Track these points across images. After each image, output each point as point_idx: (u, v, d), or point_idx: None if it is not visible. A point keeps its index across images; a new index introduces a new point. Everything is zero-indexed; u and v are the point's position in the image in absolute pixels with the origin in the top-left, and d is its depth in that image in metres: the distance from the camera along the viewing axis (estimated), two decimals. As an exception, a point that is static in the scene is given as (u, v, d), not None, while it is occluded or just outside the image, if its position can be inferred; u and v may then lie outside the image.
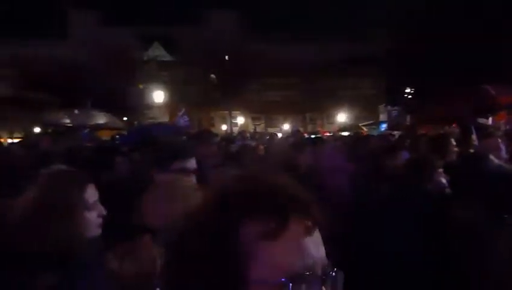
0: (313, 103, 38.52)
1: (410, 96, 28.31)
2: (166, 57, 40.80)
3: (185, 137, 6.26)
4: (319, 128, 37.52)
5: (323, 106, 38.52)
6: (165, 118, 37.51)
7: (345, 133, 26.97)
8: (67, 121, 13.50)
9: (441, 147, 4.18)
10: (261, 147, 6.36)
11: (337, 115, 37.76)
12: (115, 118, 16.96)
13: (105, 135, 12.81)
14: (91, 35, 35.09)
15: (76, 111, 14.38)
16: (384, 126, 24.46)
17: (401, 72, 28.11)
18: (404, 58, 26.64)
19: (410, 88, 28.54)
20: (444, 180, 3.04)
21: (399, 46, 27.85)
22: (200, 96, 33.37)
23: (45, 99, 31.20)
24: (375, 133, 20.20)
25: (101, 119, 14.31)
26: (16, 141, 31.84)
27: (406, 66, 26.49)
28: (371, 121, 28.23)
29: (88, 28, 39.56)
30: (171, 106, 35.77)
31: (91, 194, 1.71)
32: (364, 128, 22.53)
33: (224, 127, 39.19)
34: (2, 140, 33.78)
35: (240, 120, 38.24)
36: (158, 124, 11.18)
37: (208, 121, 37.76)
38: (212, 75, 34.96)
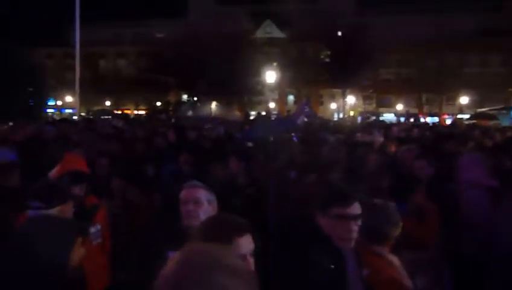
0: (431, 82, 35.46)
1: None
2: (278, 34, 40.98)
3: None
4: (436, 111, 34.76)
5: (443, 85, 35.14)
6: (275, 97, 38.10)
7: (466, 116, 24.49)
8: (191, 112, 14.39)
9: None
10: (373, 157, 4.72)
11: (459, 96, 34.49)
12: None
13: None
14: (208, 14, 36.56)
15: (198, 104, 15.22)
16: (517, 112, 21.52)
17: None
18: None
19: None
20: None
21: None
22: (311, 74, 33.00)
23: (165, 81, 33.66)
24: (506, 121, 18.04)
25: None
26: (141, 112, 35.40)
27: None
28: (501, 106, 24.74)
29: (206, 8, 41.33)
30: (282, 85, 36.17)
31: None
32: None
33: (333, 106, 38.46)
34: (129, 111, 37.90)
35: (350, 99, 37.10)
36: (281, 118, 10.79)
37: (316, 99, 37.38)
38: (325, 52, 34.21)
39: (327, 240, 2.12)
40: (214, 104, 21.71)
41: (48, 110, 36.87)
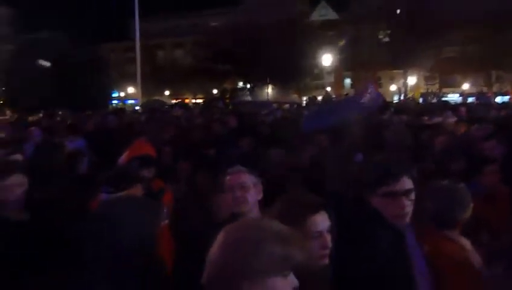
0: (500, 59, 32.84)
1: None
2: (334, 16, 39.97)
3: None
4: (507, 89, 32.37)
5: (514, 61, 32.38)
6: (331, 81, 37.32)
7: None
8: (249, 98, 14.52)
9: None
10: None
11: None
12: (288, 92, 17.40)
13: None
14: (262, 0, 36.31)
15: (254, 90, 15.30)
16: None
17: None
18: None
19: None
20: None
21: None
22: (368, 55, 31.88)
23: (223, 69, 34.02)
24: None
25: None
26: (198, 101, 36.23)
27: None
28: None
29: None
30: (338, 69, 35.34)
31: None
32: None
33: (393, 88, 37.01)
34: (187, 100, 39.00)
35: (411, 80, 35.45)
36: (345, 100, 10.21)
37: (375, 82, 36.11)
38: (383, 32, 32.85)
39: (383, 219, 2.06)
40: (270, 89, 21.65)
41: (113, 102, 38.81)
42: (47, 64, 21.95)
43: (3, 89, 22.41)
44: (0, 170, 2.39)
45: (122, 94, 44.66)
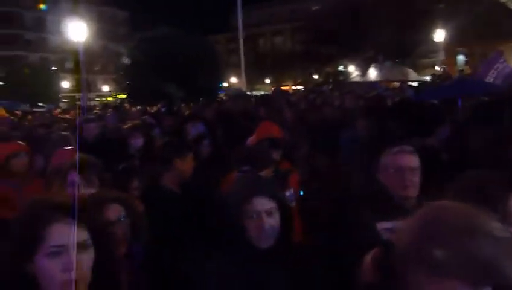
0: None
1: None
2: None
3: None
4: None
5: None
6: (442, 59, 34.48)
7: None
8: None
9: None
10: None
11: None
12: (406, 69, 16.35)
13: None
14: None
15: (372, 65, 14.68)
16: None
17: None
18: None
19: None
20: None
21: None
22: (485, 26, 28.51)
23: (326, 52, 33.22)
24: None
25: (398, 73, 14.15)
26: (299, 87, 36.27)
27: None
28: None
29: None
30: (450, 45, 32.31)
31: None
32: None
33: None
34: (288, 87, 39.20)
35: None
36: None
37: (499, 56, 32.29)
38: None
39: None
40: (375, 70, 20.56)
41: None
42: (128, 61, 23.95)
43: (127, 83, 24.70)
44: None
45: (225, 84, 46.56)
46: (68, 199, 1.21)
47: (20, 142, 3.87)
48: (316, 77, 37.95)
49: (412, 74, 19.23)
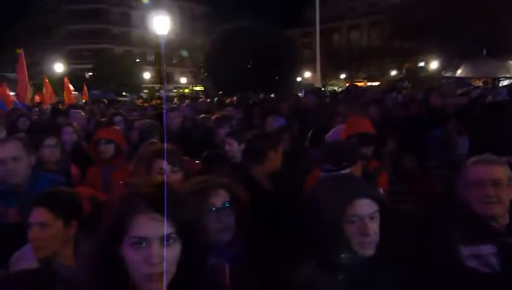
0: None
1: None
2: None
3: None
4: None
5: None
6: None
7: None
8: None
9: None
10: None
11: None
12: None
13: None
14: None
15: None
16: None
17: None
18: None
19: None
20: None
21: None
22: None
23: (407, 47, 31.34)
24: None
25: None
26: (374, 84, 34.96)
27: None
28: None
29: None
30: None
31: None
32: None
33: None
34: (362, 84, 37.97)
35: None
36: None
37: None
38: None
39: None
40: (466, 66, 18.62)
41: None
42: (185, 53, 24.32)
43: (206, 75, 25.40)
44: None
45: (298, 79, 46.26)
46: (156, 190, 1.16)
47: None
48: (393, 73, 36.32)
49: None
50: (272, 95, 14.80)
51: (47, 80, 14.56)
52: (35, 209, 1.90)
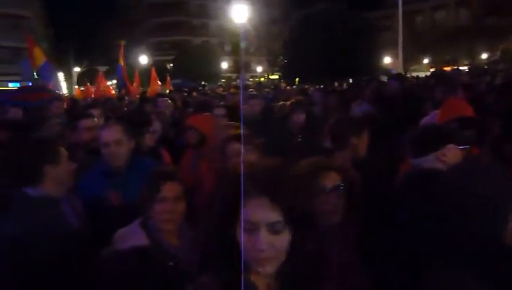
0: None
1: None
2: None
3: None
4: None
5: None
6: None
7: None
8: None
9: None
10: None
11: None
12: None
13: None
14: None
15: None
16: None
17: None
18: None
19: None
20: None
21: None
22: None
23: (506, 23, 28.44)
24: None
25: None
26: (464, 68, 32.39)
27: None
28: None
29: None
30: None
31: None
32: None
33: None
34: (448, 68, 35.35)
35: None
36: None
37: None
38: None
39: None
40: None
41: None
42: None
43: (285, 62, 25.28)
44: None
45: (383, 63, 44.36)
46: (268, 175, 1.15)
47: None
48: (484, 56, 33.36)
49: None
50: (351, 81, 14.35)
51: (136, 72, 15.45)
52: (170, 184, 2.02)
